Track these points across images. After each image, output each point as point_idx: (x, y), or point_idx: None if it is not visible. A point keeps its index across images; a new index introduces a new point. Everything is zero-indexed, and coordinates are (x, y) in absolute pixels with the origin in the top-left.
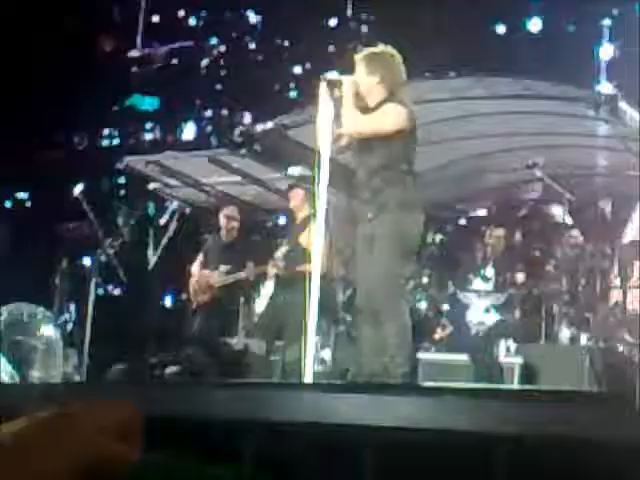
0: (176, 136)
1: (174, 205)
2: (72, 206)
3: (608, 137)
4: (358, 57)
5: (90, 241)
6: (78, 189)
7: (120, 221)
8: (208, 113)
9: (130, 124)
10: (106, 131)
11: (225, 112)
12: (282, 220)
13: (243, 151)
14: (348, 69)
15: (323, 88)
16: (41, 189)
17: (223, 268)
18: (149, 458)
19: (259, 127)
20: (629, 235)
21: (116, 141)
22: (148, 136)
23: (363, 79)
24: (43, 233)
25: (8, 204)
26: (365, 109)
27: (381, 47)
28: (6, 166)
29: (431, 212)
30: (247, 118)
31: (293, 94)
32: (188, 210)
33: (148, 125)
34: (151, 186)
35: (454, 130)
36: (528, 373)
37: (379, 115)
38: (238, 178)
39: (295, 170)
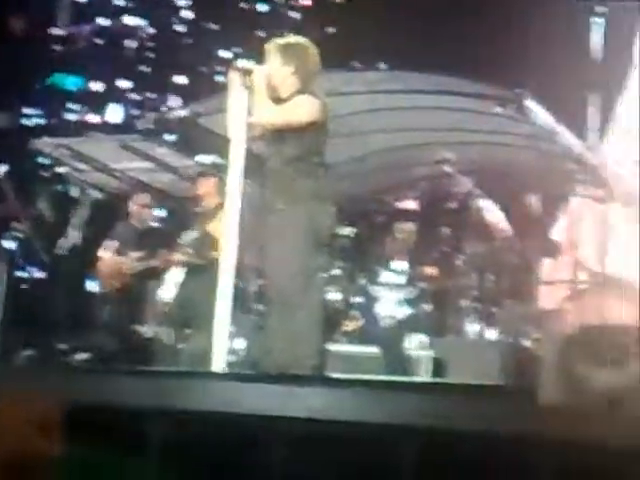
0: (101, 117)
1: (84, 190)
2: None
3: (515, 135)
4: (272, 47)
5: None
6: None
7: (35, 205)
8: (134, 95)
9: (53, 103)
10: (28, 110)
11: (151, 95)
12: (193, 208)
13: (156, 138)
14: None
15: (235, 77)
16: None
17: (134, 255)
18: (70, 451)
19: (172, 114)
20: (539, 232)
21: (38, 121)
22: (71, 116)
23: (276, 69)
24: None
25: None
26: (278, 100)
27: (295, 38)
28: None
29: (344, 205)
30: (174, 101)
31: (221, 78)
32: (99, 195)
33: (71, 105)
34: (61, 170)
35: (367, 123)
36: (438, 367)
37: (291, 106)
38: (150, 165)
39: (207, 158)
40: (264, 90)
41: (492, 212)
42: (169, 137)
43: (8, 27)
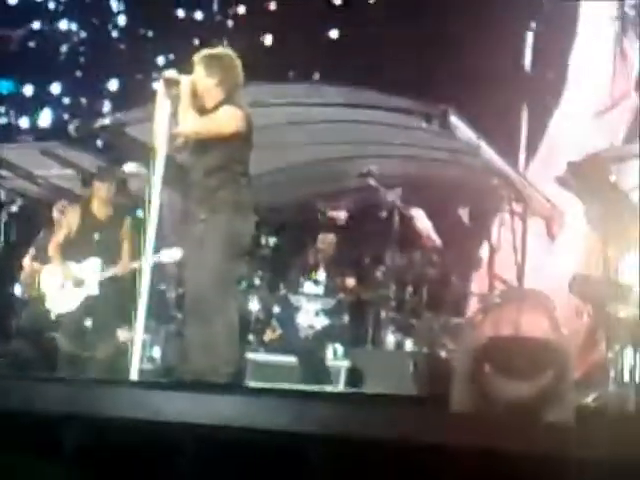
0: (32, 122)
1: (4, 195)
2: None
3: (439, 150)
4: (197, 57)
5: None
6: None
7: None
8: (66, 100)
9: None
10: None
11: (84, 100)
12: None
13: (78, 145)
14: (189, 69)
15: (161, 86)
16: None
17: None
18: None
19: (97, 122)
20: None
21: None
22: (2, 120)
23: (201, 80)
24: None
25: None
26: (202, 110)
27: (220, 49)
28: None
29: (265, 215)
30: (106, 107)
31: (155, 85)
32: (20, 202)
33: (2, 109)
34: None
35: (290, 135)
36: (354, 376)
37: (216, 117)
38: (72, 172)
39: (131, 167)
40: (189, 100)
41: (421, 220)
42: (94, 145)
43: None
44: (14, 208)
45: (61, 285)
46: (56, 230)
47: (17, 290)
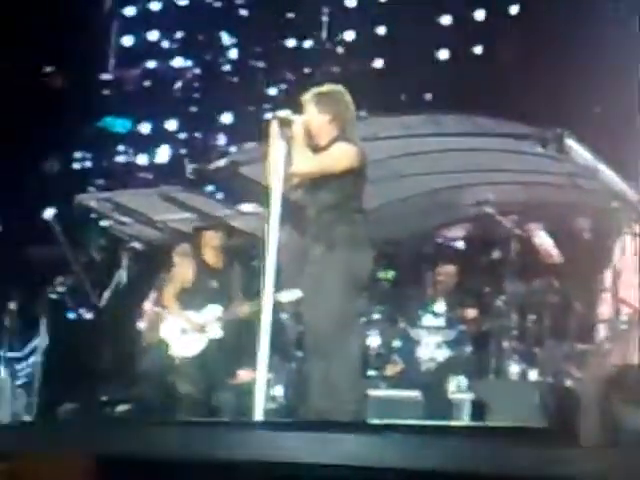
0: (150, 159)
1: (127, 242)
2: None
3: (557, 174)
4: (307, 97)
5: (41, 279)
6: (49, 213)
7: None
8: (182, 135)
9: (102, 147)
10: (78, 154)
11: (199, 134)
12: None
13: (195, 188)
14: (300, 108)
15: (274, 127)
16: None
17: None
18: None
19: (212, 164)
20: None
21: (88, 164)
22: (121, 159)
23: (314, 118)
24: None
25: None
26: (316, 148)
27: (330, 86)
28: None
29: (382, 248)
30: (222, 140)
31: (269, 115)
32: (141, 247)
33: (121, 148)
34: (104, 223)
35: (405, 167)
36: (478, 409)
37: (329, 155)
38: (191, 215)
39: (247, 207)
40: (303, 139)
41: (542, 238)
42: (209, 186)
43: (51, 81)
44: (135, 253)
45: (182, 331)
46: (170, 281)
47: (139, 334)
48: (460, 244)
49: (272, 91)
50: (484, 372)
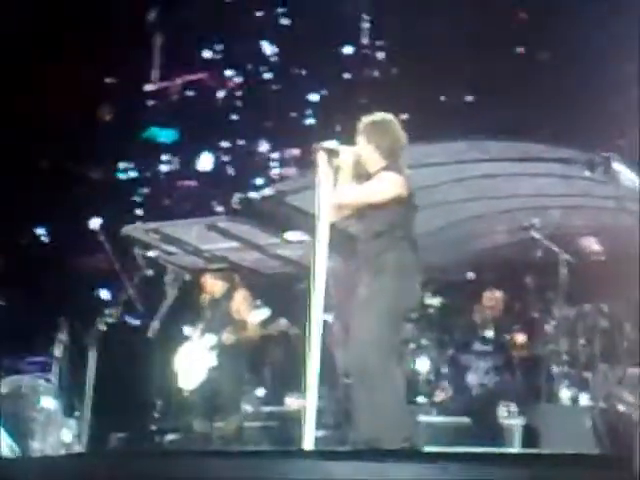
0: (193, 167)
1: (173, 272)
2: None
3: (604, 198)
4: (359, 126)
5: (91, 310)
6: (96, 223)
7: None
8: (225, 143)
9: (148, 157)
10: (123, 164)
11: (242, 142)
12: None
13: (241, 217)
14: (346, 137)
15: (321, 157)
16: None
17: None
18: None
19: (257, 194)
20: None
21: (134, 174)
22: (165, 168)
23: (363, 148)
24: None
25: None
26: (364, 177)
27: (380, 114)
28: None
29: (430, 275)
30: (264, 146)
31: (310, 121)
32: (187, 277)
33: (165, 157)
34: (151, 253)
35: (451, 193)
36: (529, 435)
37: (373, 184)
38: (237, 244)
39: (293, 235)
40: (350, 169)
41: (579, 275)
42: (254, 216)
43: (100, 112)
44: (184, 282)
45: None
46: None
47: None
48: (508, 269)
49: (313, 97)
50: (535, 397)
